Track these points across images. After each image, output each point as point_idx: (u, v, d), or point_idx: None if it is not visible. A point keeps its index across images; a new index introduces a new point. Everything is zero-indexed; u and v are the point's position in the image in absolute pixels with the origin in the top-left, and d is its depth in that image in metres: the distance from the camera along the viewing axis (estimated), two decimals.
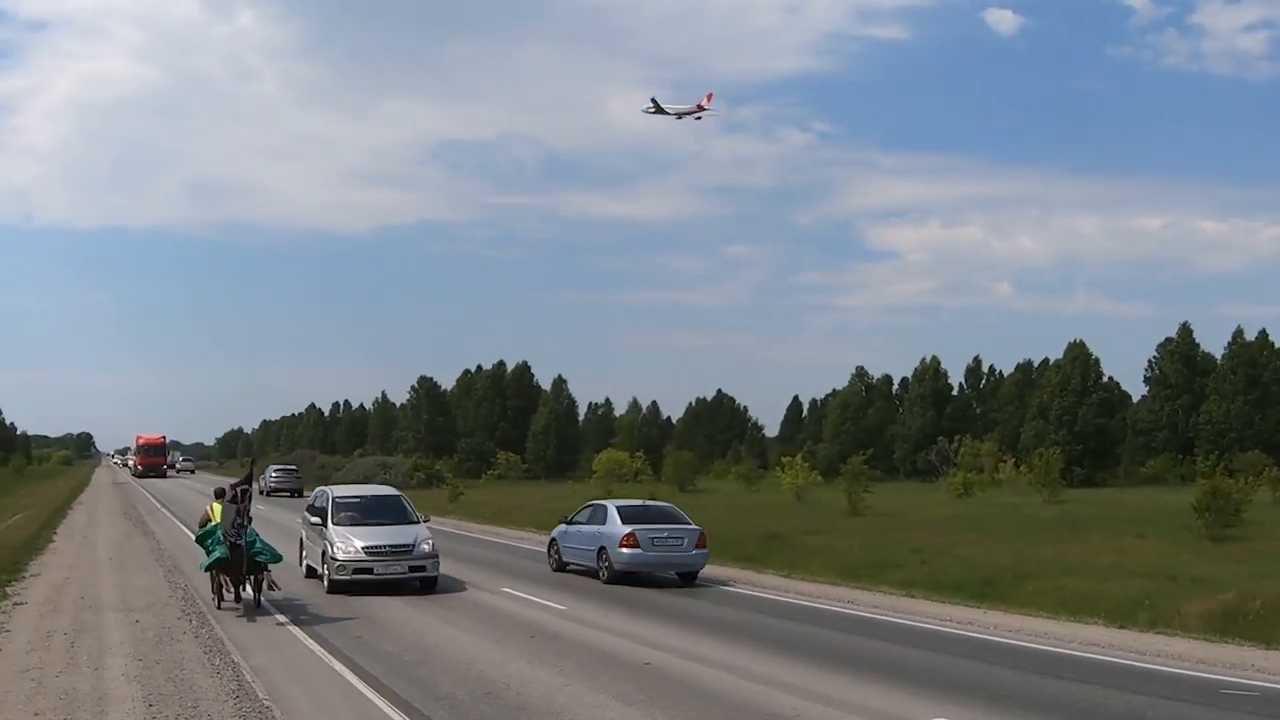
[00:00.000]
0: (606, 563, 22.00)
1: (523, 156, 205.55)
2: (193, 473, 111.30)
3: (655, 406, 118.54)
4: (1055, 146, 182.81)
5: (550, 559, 24.57)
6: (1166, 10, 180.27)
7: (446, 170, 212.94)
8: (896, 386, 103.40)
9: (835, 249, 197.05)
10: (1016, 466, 55.46)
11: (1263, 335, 76.54)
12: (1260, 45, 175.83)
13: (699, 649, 14.62)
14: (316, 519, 20.83)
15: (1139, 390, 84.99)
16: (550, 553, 24.66)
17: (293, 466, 67.22)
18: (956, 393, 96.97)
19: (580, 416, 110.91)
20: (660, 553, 21.86)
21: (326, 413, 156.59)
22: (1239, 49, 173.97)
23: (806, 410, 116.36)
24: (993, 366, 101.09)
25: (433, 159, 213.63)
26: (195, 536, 19.28)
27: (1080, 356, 77.20)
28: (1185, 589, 18.34)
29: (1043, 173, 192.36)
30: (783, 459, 54.01)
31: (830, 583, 22.08)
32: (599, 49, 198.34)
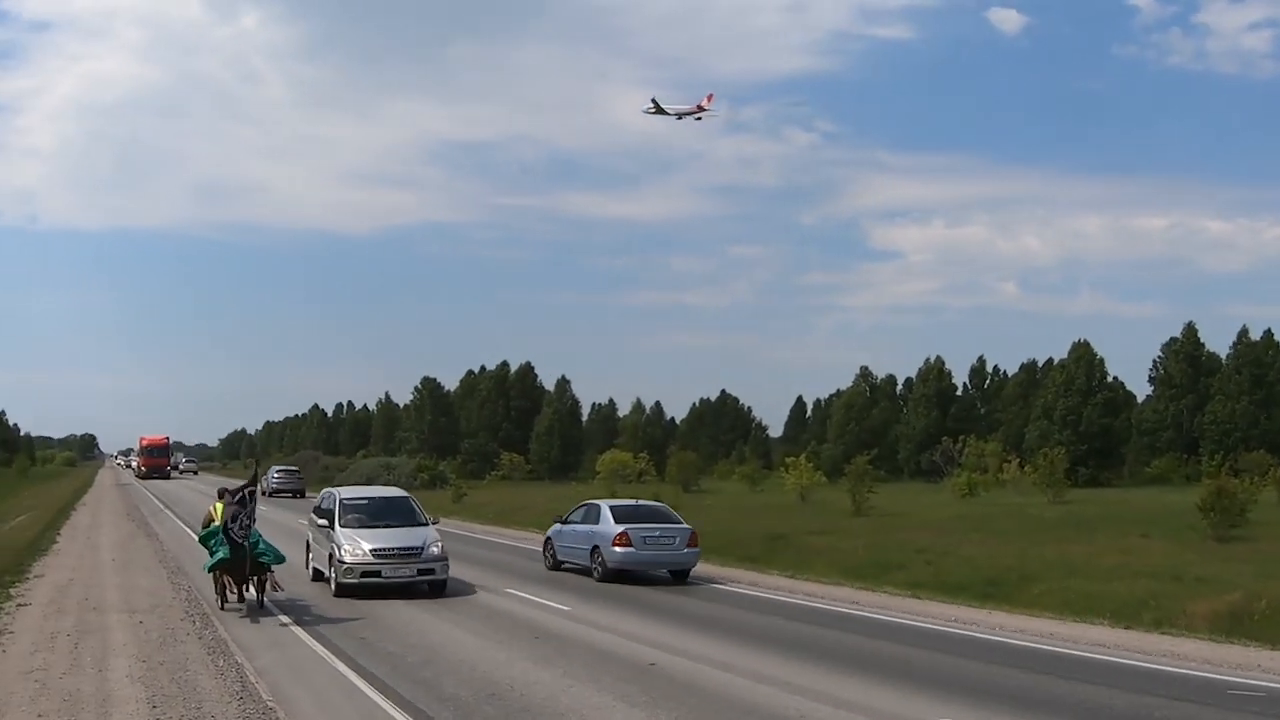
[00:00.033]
0: (600, 561, 22.28)
1: (526, 157, 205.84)
2: (196, 474, 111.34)
3: (659, 407, 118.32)
4: (1059, 146, 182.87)
5: (545, 557, 24.77)
6: (1171, 9, 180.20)
7: (449, 170, 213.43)
8: (901, 386, 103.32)
9: (839, 249, 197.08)
10: (1021, 467, 55.36)
11: (1268, 335, 76.57)
12: (1265, 44, 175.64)
13: (703, 650, 14.60)
14: (323, 521, 20.50)
15: (1144, 390, 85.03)
16: (545, 551, 24.89)
17: (295, 468, 68.36)
18: (961, 393, 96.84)
19: (584, 417, 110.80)
20: (652, 551, 22.14)
21: (330, 413, 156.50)
22: (1243, 48, 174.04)
23: (810, 410, 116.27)
24: (997, 366, 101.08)
25: (435, 159, 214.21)
26: (199, 537, 19.28)
27: (1085, 356, 77.05)
28: (1191, 589, 18.32)
29: (1047, 172, 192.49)
30: (787, 459, 54.02)
31: (835, 583, 22.06)
32: (601, 49, 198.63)
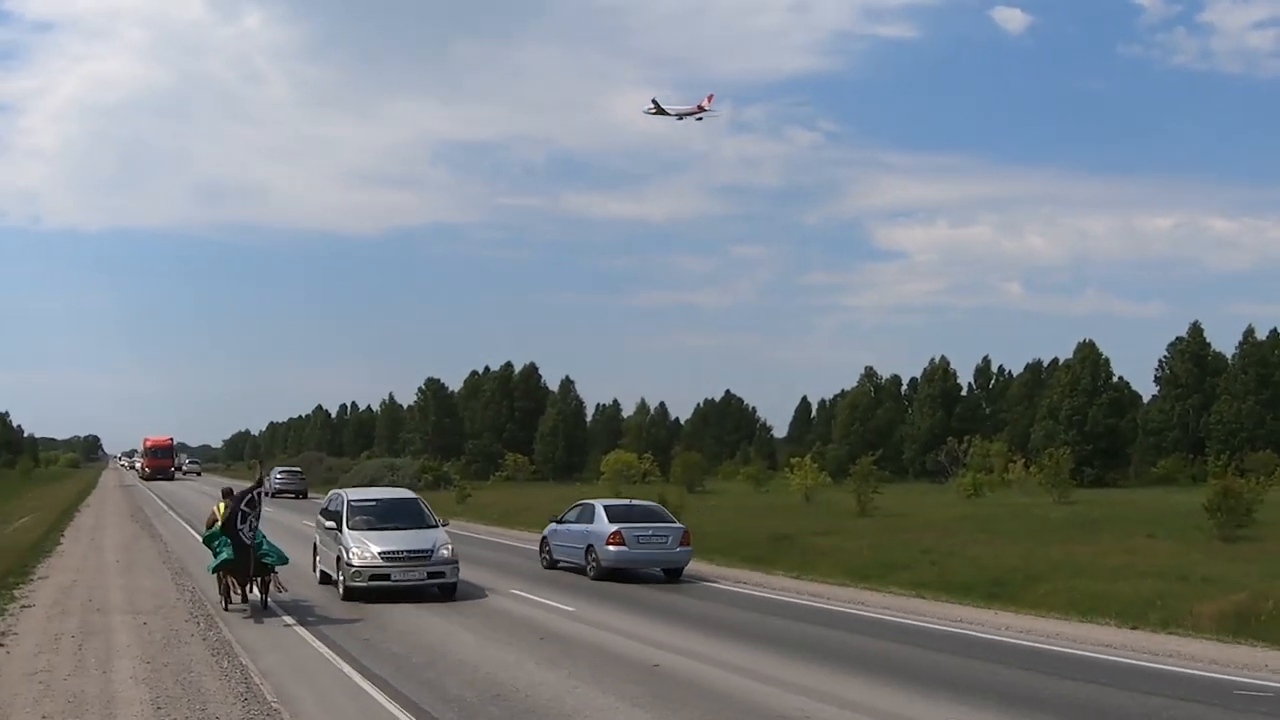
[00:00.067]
0: (594, 560, 22.59)
1: (529, 157, 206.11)
2: (199, 475, 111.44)
3: (663, 407, 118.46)
4: (1064, 145, 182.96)
5: (542, 556, 25.07)
6: (1175, 8, 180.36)
7: (452, 171, 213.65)
8: (905, 387, 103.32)
9: (843, 249, 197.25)
10: (1026, 467, 55.37)
11: (1274, 334, 76.50)
12: (1269, 43, 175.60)
13: (708, 651, 14.56)
14: (331, 523, 20.09)
15: (1149, 390, 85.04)
16: (542, 551, 25.19)
17: (297, 469, 69.26)
18: (966, 393, 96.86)
19: (588, 418, 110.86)
20: (645, 550, 22.44)
21: (334, 414, 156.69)
22: (1248, 47, 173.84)
23: (815, 411, 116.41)
24: (1002, 366, 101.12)
25: (438, 159, 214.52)
26: (203, 538, 19.25)
27: (1090, 356, 77.00)
28: (1197, 589, 18.28)
29: (1052, 172, 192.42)
30: (791, 460, 54.02)
31: (839, 584, 22.02)
32: (603, 49, 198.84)
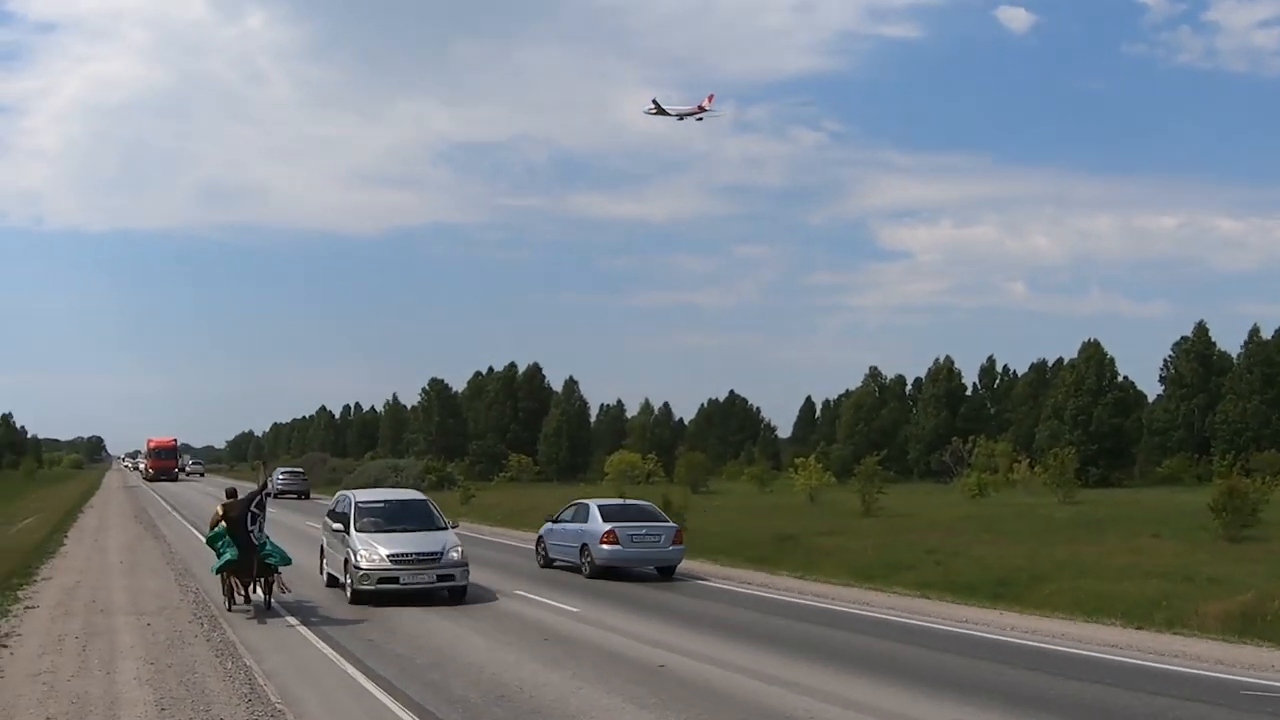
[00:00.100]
0: (589, 558, 22.96)
1: (532, 157, 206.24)
2: (202, 475, 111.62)
3: (667, 408, 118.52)
4: (1069, 145, 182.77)
5: (538, 556, 25.43)
6: (1180, 7, 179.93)
7: (456, 171, 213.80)
8: (910, 387, 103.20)
9: (846, 249, 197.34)
10: (1031, 467, 55.32)
11: (1279, 334, 76.20)
12: (1274, 41, 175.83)
13: (712, 651, 14.53)
14: (338, 525, 19.76)
15: (1154, 390, 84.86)
16: (538, 550, 25.54)
17: (299, 469, 69.57)
18: (970, 393, 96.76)
19: (592, 418, 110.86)
20: (639, 549, 22.81)
21: (337, 415, 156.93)
22: (1253, 45, 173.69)
23: (819, 411, 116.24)
24: (1007, 366, 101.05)
25: (440, 160, 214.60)
26: (206, 539, 19.25)
27: (1095, 356, 76.89)
28: (1203, 590, 18.22)
29: (1056, 171, 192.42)
30: (796, 460, 53.94)
31: (844, 584, 21.99)
32: (608, 49, 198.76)
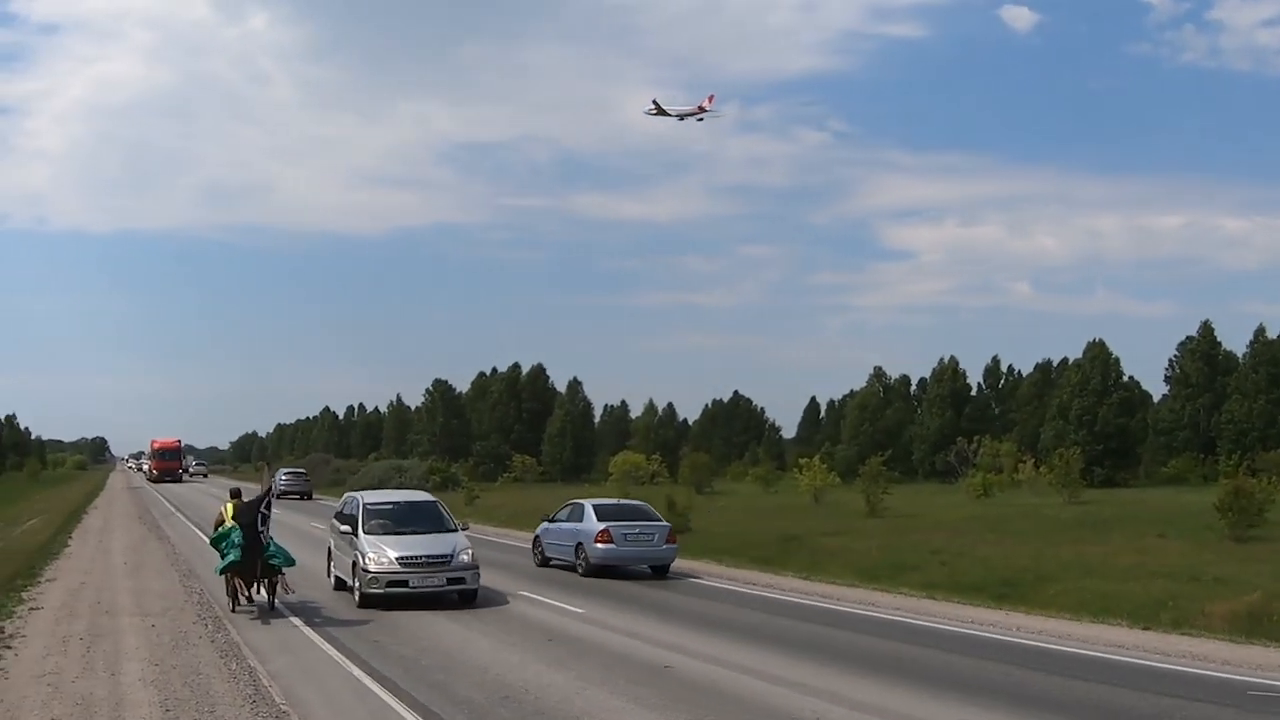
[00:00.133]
0: (584, 557, 23.28)
1: (536, 158, 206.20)
2: (205, 476, 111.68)
3: (671, 408, 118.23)
4: (1072, 144, 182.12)
5: (534, 555, 25.74)
6: (1184, 6, 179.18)
7: (460, 172, 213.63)
8: (915, 387, 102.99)
9: (851, 249, 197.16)
10: (1036, 467, 55.19)
11: None
12: (1278, 40, 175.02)
13: (717, 652, 14.51)
14: (346, 527, 19.41)
15: (1160, 389, 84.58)
16: (534, 549, 25.84)
17: (302, 470, 69.63)
18: (975, 393, 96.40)
19: (596, 419, 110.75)
20: (633, 548, 23.10)
21: (341, 416, 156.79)
22: (1257, 44, 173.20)
23: (824, 411, 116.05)
24: (1011, 366, 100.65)
25: (444, 160, 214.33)
26: (210, 539, 19.25)
27: (1100, 356, 76.66)
28: (1209, 590, 18.17)
29: (1060, 171, 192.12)
30: (800, 460, 53.83)
31: (849, 584, 21.95)
32: (612, 49, 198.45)
